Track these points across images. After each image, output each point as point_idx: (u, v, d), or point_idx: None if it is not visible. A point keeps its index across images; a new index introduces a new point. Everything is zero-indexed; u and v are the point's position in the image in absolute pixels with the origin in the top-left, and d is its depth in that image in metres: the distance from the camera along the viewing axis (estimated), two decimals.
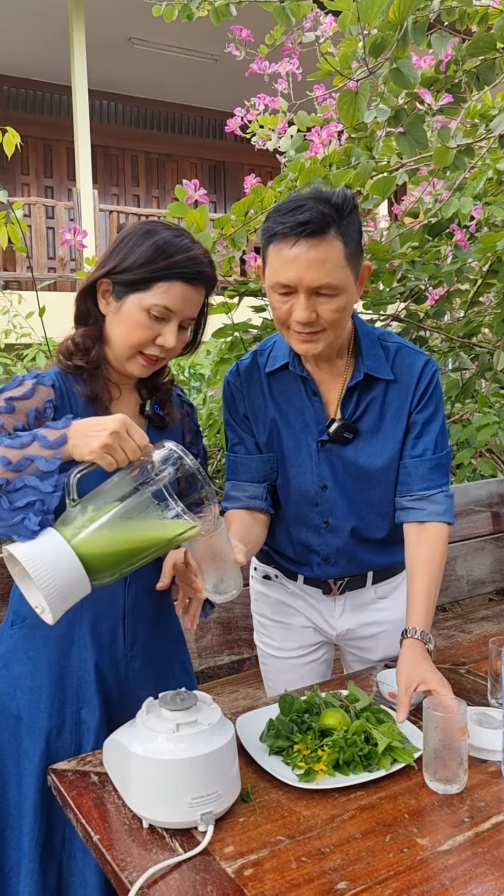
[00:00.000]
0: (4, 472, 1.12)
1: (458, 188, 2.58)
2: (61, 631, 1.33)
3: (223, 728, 1.12)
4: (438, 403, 1.52)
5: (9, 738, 1.33)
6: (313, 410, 1.51)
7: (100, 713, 1.33)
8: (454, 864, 1.00)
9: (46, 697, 1.32)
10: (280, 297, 1.36)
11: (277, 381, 1.54)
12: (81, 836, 1.13)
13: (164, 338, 1.29)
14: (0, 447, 1.14)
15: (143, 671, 1.40)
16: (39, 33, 8.05)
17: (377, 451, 1.51)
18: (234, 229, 2.46)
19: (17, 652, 1.34)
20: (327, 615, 1.66)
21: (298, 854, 1.02)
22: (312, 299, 1.33)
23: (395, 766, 1.20)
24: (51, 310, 2.88)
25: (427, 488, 1.51)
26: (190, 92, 9.76)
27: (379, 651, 1.69)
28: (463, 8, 2.24)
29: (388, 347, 1.51)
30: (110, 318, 1.32)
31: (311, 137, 2.49)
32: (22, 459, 1.13)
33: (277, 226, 1.31)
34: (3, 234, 2.63)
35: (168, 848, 1.04)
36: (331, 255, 1.30)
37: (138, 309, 1.28)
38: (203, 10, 2.50)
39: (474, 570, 2.93)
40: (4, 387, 1.28)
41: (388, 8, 1.83)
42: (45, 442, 1.14)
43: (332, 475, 1.52)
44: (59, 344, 1.36)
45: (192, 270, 1.28)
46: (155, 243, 1.27)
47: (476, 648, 1.72)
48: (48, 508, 1.12)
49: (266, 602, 1.72)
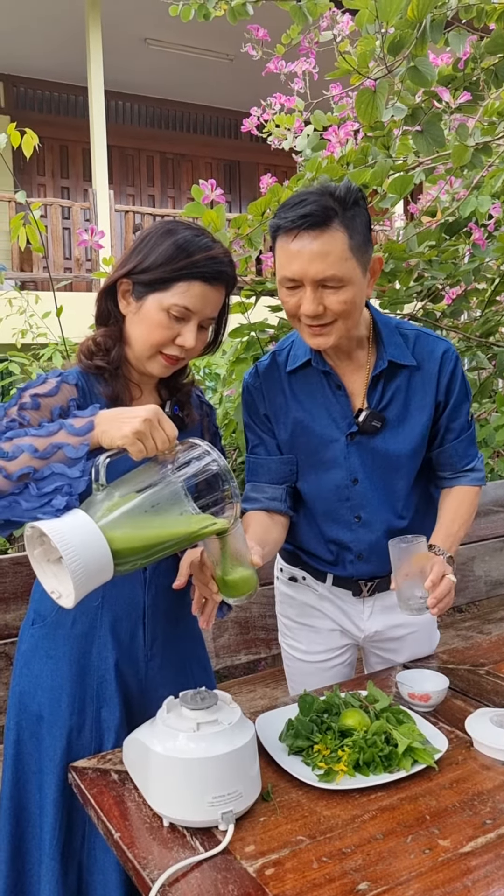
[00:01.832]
0: (32, 460, 1.13)
1: (475, 186, 2.57)
2: (82, 630, 1.33)
3: (243, 727, 1.12)
4: (463, 383, 1.56)
5: (29, 736, 1.34)
6: (339, 405, 1.51)
7: (120, 712, 1.33)
8: (476, 865, 0.99)
9: (67, 696, 1.32)
10: (288, 292, 1.37)
11: (298, 379, 1.54)
12: (102, 834, 1.13)
13: (184, 338, 1.29)
14: (27, 437, 1.15)
15: (163, 670, 1.40)
16: (56, 35, 8.09)
17: (405, 438, 1.52)
18: (250, 229, 2.45)
19: (38, 651, 1.35)
20: (355, 617, 1.66)
21: (319, 854, 1.02)
22: (319, 292, 1.34)
23: (415, 767, 1.19)
24: (67, 310, 2.90)
25: (469, 462, 1.60)
26: (205, 92, 9.77)
27: (405, 653, 1.68)
28: (481, 5, 2.22)
29: (407, 335, 1.53)
30: (130, 318, 1.32)
31: (328, 136, 2.49)
32: (49, 447, 1.14)
33: (281, 220, 1.33)
34: (22, 234, 2.65)
35: (189, 846, 1.04)
36: (334, 246, 1.30)
37: (158, 309, 1.27)
38: (220, 10, 2.50)
39: (492, 570, 2.91)
40: (28, 384, 1.28)
41: (406, 6, 1.82)
42: (71, 429, 1.14)
43: (362, 468, 1.53)
44: (80, 344, 1.36)
45: (212, 270, 1.28)
46: (175, 242, 1.27)
47: (496, 649, 1.71)
48: (74, 492, 1.13)
49: (292, 604, 1.72)
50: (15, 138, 2.53)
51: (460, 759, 1.25)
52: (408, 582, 1.38)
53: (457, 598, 2.79)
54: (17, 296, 4.30)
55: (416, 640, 1.68)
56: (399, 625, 1.66)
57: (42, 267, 7.77)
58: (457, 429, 1.57)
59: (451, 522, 1.55)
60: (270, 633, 2.40)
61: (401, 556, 1.39)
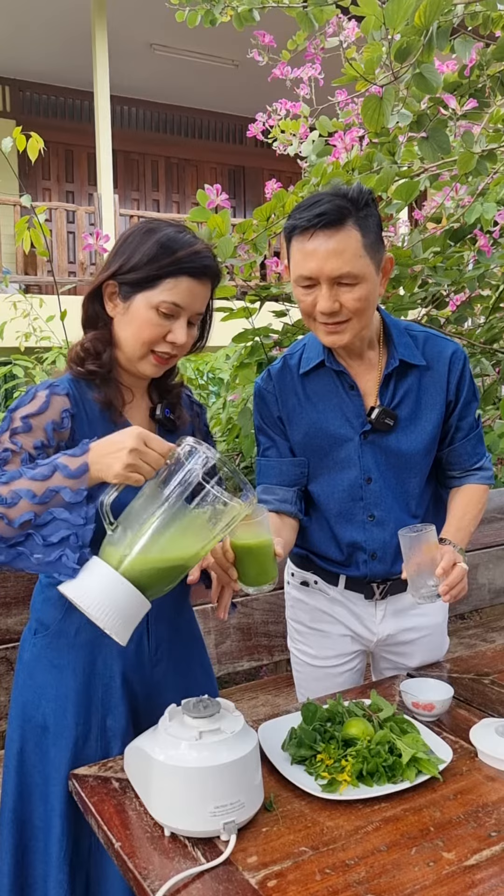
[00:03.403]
0: (31, 506, 1.12)
1: (480, 193, 2.57)
2: (87, 638, 1.32)
3: (246, 736, 1.11)
4: (471, 383, 1.59)
5: (33, 747, 1.32)
6: (352, 404, 1.54)
7: (126, 719, 1.32)
8: (481, 879, 0.98)
9: (73, 705, 1.31)
10: (304, 290, 1.41)
11: (311, 381, 1.57)
12: (103, 843, 1.12)
13: (175, 334, 1.28)
14: (23, 480, 1.14)
15: (168, 674, 1.39)
16: (62, 39, 8.11)
17: (417, 437, 1.55)
18: (255, 234, 2.45)
19: (42, 660, 1.34)
20: (368, 621, 1.66)
21: (322, 866, 1.01)
22: (335, 289, 1.38)
23: (419, 778, 1.18)
24: (71, 314, 2.89)
25: (478, 460, 1.63)
26: (210, 97, 9.79)
27: (417, 657, 1.68)
28: (487, 13, 2.23)
29: (417, 336, 1.56)
30: (118, 320, 1.31)
31: (334, 142, 2.48)
32: (46, 492, 1.13)
33: (297, 220, 1.37)
34: (26, 238, 2.65)
35: (190, 857, 1.03)
36: (349, 244, 1.35)
37: (147, 307, 1.27)
38: (226, 16, 2.51)
39: (496, 578, 2.90)
40: (18, 402, 1.27)
41: (412, 13, 1.82)
42: (67, 472, 1.14)
43: (376, 466, 1.55)
44: (69, 350, 1.35)
45: (198, 265, 1.28)
46: (158, 241, 1.27)
47: (500, 658, 1.70)
48: (84, 542, 1.13)
49: (303, 609, 1.72)
50: (20, 142, 2.53)
51: (465, 769, 1.24)
52: (419, 570, 1.39)
53: (460, 606, 2.78)
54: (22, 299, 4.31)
55: (427, 643, 1.69)
56: (411, 628, 1.66)
57: (46, 270, 7.78)
58: (465, 428, 1.60)
59: (462, 517, 1.58)
60: (273, 639, 2.39)
61: (411, 545, 1.39)
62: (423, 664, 1.68)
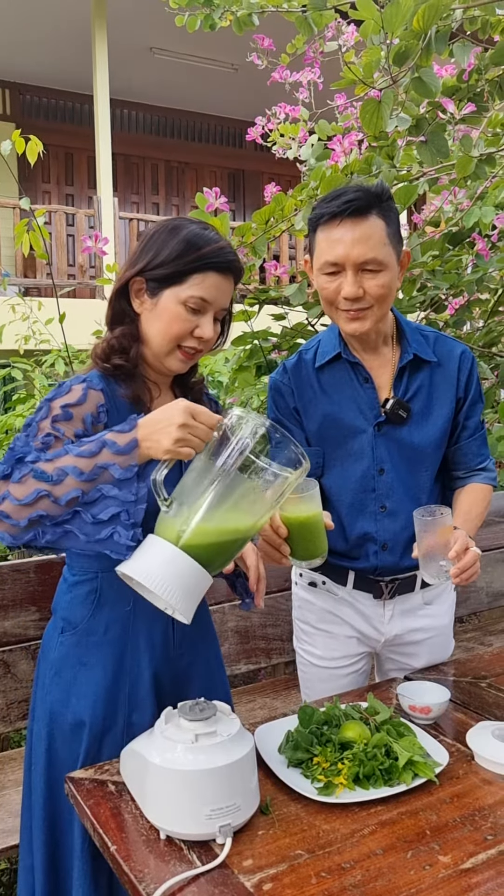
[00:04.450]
0: (78, 483, 1.12)
1: (479, 197, 2.57)
2: (115, 635, 1.33)
3: (242, 739, 1.11)
4: (479, 386, 1.65)
5: (62, 744, 1.33)
6: (366, 396, 1.58)
7: (151, 714, 1.33)
8: (477, 882, 0.98)
9: (101, 702, 1.32)
10: (328, 278, 1.46)
11: (326, 374, 1.60)
12: (98, 846, 1.12)
13: (202, 329, 1.31)
14: (69, 457, 1.13)
15: (191, 667, 1.41)
16: (62, 43, 8.13)
17: (429, 431, 1.58)
18: (254, 237, 2.46)
19: (70, 658, 1.34)
20: (376, 621, 1.67)
21: (318, 869, 1.01)
22: (359, 275, 1.43)
23: (416, 781, 1.18)
24: (70, 316, 2.90)
25: (482, 461, 1.67)
26: (210, 101, 9.81)
27: (423, 657, 1.70)
28: (486, 17, 2.23)
29: (427, 336, 1.62)
30: (146, 316, 1.33)
31: (333, 146, 2.49)
32: (94, 468, 1.13)
33: (324, 209, 1.44)
34: (25, 241, 2.65)
35: (186, 860, 1.03)
36: (374, 232, 1.42)
37: (175, 302, 1.29)
38: (225, 20, 2.51)
39: (494, 581, 2.90)
40: (54, 394, 1.27)
41: (411, 17, 1.83)
42: (115, 448, 1.14)
43: (388, 458, 1.58)
44: (95, 346, 1.35)
45: (224, 260, 1.30)
46: (184, 238, 1.29)
47: (497, 661, 1.70)
48: (136, 520, 1.13)
49: (311, 610, 1.73)
50: (20, 145, 2.53)
51: (461, 773, 1.24)
52: (431, 552, 1.40)
53: (458, 610, 2.78)
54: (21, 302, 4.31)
55: (434, 644, 1.70)
56: (419, 629, 1.68)
57: (46, 273, 7.79)
58: (471, 427, 1.64)
59: (468, 511, 1.60)
60: (271, 642, 2.39)
61: (426, 528, 1.40)
62: (428, 664, 1.69)
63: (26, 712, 1.99)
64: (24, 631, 1.99)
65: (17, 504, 1.11)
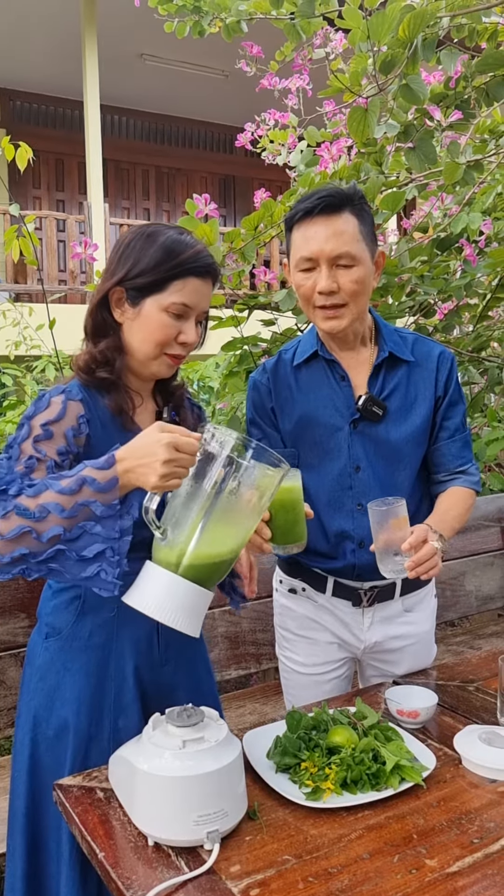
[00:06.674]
0: (60, 520, 1.12)
1: (467, 203, 2.59)
2: (100, 641, 1.34)
3: (230, 745, 1.11)
4: (459, 387, 1.65)
5: (45, 750, 1.33)
6: (342, 394, 1.59)
7: (137, 719, 1.33)
8: (463, 886, 0.98)
9: (86, 707, 1.32)
10: (304, 274, 1.49)
11: (304, 373, 1.63)
12: (86, 853, 1.12)
13: (186, 334, 1.32)
14: (51, 493, 1.13)
15: (177, 673, 1.41)
16: (52, 49, 8.13)
17: (406, 428, 1.59)
18: (244, 243, 2.46)
19: (55, 664, 1.34)
20: (355, 628, 1.66)
21: (305, 874, 1.01)
22: (333, 270, 1.46)
23: (403, 785, 1.18)
24: (61, 322, 2.90)
25: (462, 464, 1.65)
26: (200, 107, 9.82)
27: (404, 665, 1.69)
28: (472, 25, 2.25)
29: (406, 338, 1.64)
30: (128, 325, 1.33)
31: (321, 152, 2.50)
32: (75, 505, 1.12)
33: (299, 207, 1.48)
34: (15, 247, 2.65)
35: (174, 866, 1.03)
36: (347, 228, 1.46)
37: (158, 310, 1.29)
38: (214, 27, 2.52)
39: (483, 585, 2.91)
40: (34, 409, 1.26)
41: (397, 25, 1.84)
42: (96, 486, 1.13)
43: (365, 456, 1.58)
44: (76, 358, 1.35)
45: (203, 264, 1.31)
46: (162, 245, 1.29)
47: (485, 665, 1.71)
48: (121, 555, 1.13)
49: (291, 616, 1.73)
50: (9, 151, 2.53)
51: (448, 776, 1.24)
52: (387, 545, 1.38)
53: (448, 613, 2.79)
54: (11, 307, 4.30)
55: (414, 652, 1.69)
56: (398, 636, 1.67)
57: (36, 279, 7.78)
58: (450, 428, 1.63)
59: (445, 511, 1.60)
60: (261, 647, 2.38)
61: (380, 518, 1.39)
62: (409, 672, 1.68)
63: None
64: (14, 638, 1.99)
65: (1, 540, 1.12)
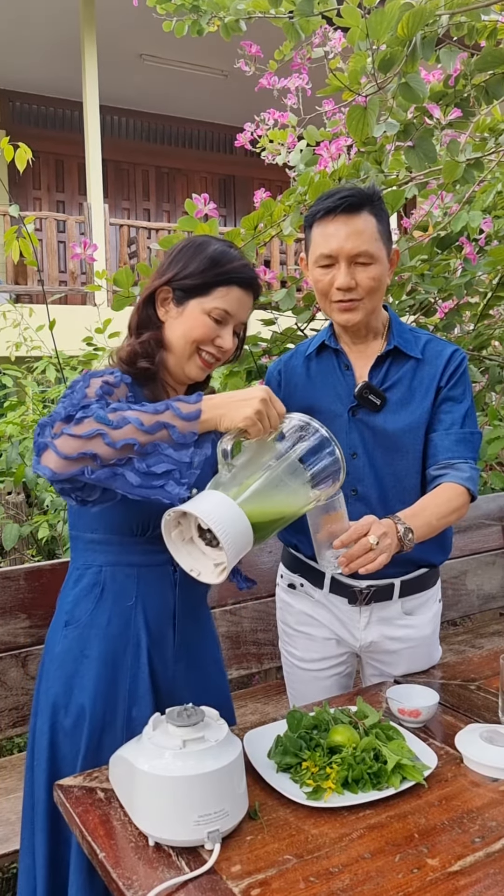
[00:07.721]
0: (136, 433, 1.16)
1: (467, 201, 2.58)
2: (117, 629, 1.36)
3: (230, 744, 1.11)
4: (466, 386, 1.62)
5: (64, 737, 1.34)
6: (345, 382, 1.63)
7: (150, 710, 1.33)
8: (465, 885, 0.98)
9: (101, 694, 1.34)
10: (323, 270, 1.53)
11: (314, 363, 1.68)
12: (87, 854, 1.12)
13: (223, 339, 1.39)
14: (131, 410, 1.18)
15: (189, 671, 1.42)
16: (52, 50, 8.14)
17: (405, 419, 1.59)
18: (244, 243, 2.46)
19: (73, 651, 1.36)
20: (352, 626, 1.66)
21: (306, 874, 1.01)
22: (352, 268, 1.51)
23: (404, 785, 1.18)
24: (61, 323, 2.90)
25: (452, 458, 1.57)
26: (200, 107, 9.83)
27: (401, 667, 1.68)
28: (472, 23, 2.25)
29: (419, 337, 1.66)
30: (170, 323, 1.40)
31: (321, 152, 2.50)
32: (155, 423, 1.17)
33: (320, 206, 1.52)
34: (15, 248, 2.65)
35: (174, 866, 1.03)
36: (366, 227, 1.50)
37: (200, 312, 1.37)
38: (213, 26, 2.52)
39: (484, 584, 2.90)
40: (91, 372, 1.32)
41: (396, 24, 1.84)
42: (179, 413, 1.19)
43: (361, 443, 1.60)
44: (118, 349, 1.42)
45: (247, 276, 1.40)
46: (211, 254, 1.38)
47: (487, 664, 1.70)
48: (188, 482, 1.17)
49: (290, 612, 1.74)
50: (8, 152, 2.54)
51: (450, 775, 1.24)
52: (324, 539, 1.36)
53: (449, 613, 2.79)
54: (12, 308, 4.30)
55: (413, 654, 1.68)
56: (397, 638, 1.66)
57: (36, 280, 7.78)
58: (446, 422, 1.59)
59: (424, 506, 1.49)
60: (262, 647, 2.38)
61: (315, 513, 1.35)
62: (408, 673, 1.68)
63: (17, 720, 1.99)
64: (14, 639, 1.99)
65: (72, 437, 1.14)
